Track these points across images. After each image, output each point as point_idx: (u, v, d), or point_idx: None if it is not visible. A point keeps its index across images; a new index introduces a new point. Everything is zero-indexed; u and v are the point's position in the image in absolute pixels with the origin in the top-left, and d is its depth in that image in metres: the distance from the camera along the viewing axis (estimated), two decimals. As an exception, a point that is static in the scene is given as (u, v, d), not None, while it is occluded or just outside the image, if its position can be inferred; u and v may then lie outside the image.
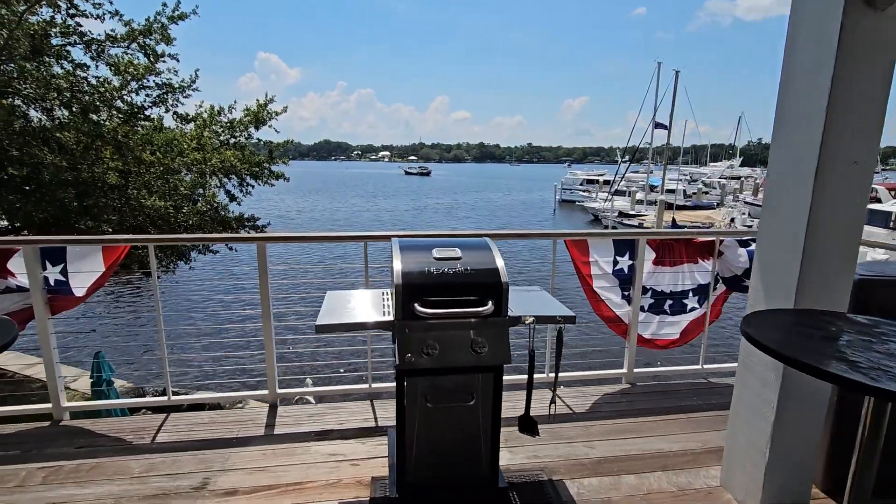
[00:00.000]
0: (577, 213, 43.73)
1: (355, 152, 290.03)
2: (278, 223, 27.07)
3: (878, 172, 52.65)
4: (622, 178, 39.23)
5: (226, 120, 9.16)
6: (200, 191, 8.40)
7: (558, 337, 1.95)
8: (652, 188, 39.90)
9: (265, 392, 2.87)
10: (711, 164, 77.03)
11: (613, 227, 33.60)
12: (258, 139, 9.93)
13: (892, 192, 31.30)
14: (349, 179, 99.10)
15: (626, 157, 42.36)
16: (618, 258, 3.05)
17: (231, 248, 9.30)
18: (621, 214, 35.53)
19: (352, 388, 3.02)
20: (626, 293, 3.11)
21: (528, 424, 2.00)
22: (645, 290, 3.12)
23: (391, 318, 1.86)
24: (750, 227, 32.59)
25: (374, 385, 2.96)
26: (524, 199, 58.54)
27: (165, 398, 2.84)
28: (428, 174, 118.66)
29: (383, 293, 2.22)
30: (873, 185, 34.72)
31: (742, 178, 57.28)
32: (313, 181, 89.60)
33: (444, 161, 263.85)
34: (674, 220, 31.15)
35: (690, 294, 3.19)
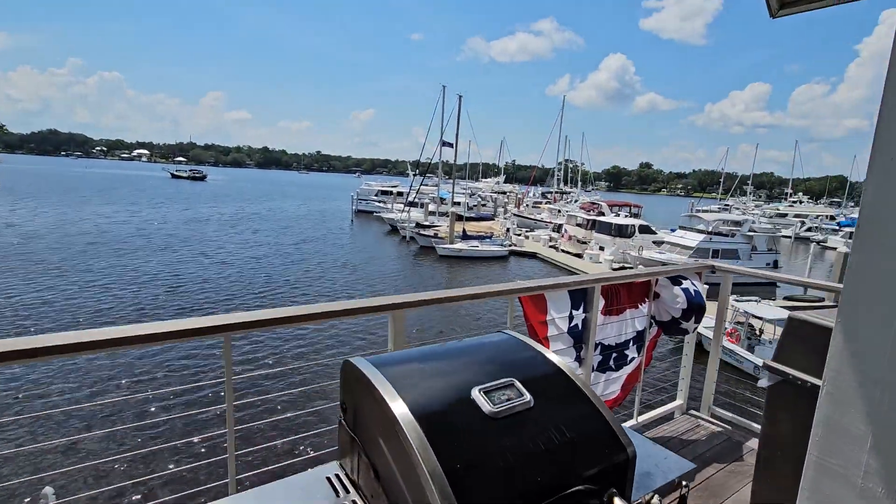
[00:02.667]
0: (374, 223, 44.16)
1: (98, 148, 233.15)
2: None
3: (588, 191, 67.92)
4: (416, 191, 41.14)
5: None
6: None
7: (678, 507, 1.14)
8: (442, 200, 43.02)
9: None
10: (483, 179, 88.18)
11: (411, 238, 34.90)
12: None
13: (613, 208, 40.95)
14: (95, 181, 78.90)
15: (417, 171, 44.86)
16: (573, 312, 2.43)
17: None
18: (418, 225, 37.23)
19: None
20: (580, 353, 2.51)
21: None
22: (594, 346, 2.58)
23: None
24: (519, 234, 38.13)
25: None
26: (320, 208, 56.25)
27: None
28: (202, 178, 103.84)
29: (331, 481, 1.04)
30: (599, 202, 44.45)
31: (507, 193, 67.22)
32: (34, 182, 68.45)
33: (222, 165, 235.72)
34: (464, 230, 34.02)
35: (631, 343, 2.79)
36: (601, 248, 32.77)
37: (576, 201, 44.82)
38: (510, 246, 34.46)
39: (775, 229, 43.53)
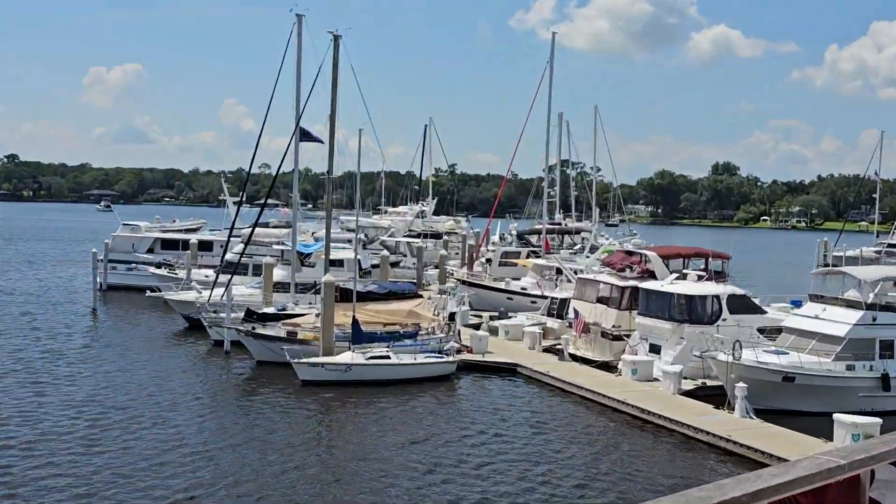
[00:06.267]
0: (147, 311, 24.09)
1: None
2: None
3: (614, 224, 50.14)
4: (246, 241, 20.09)
5: None
6: None
7: None
8: (303, 258, 22.55)
9: None
10: (392, 208, 70.93)
11: (234, 345, 14.07)
12: None
13: (671, 261, 24.42)
14: None
15: (242, 194, 23.75)
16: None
17: None
18: (251, 316, 16.29)
19: None
20: None
21: None
22: None
23: None
24: (477, 325, 19.34)
25: None
26: (19, 285, 31.34)
27: None
28: None
29: None
30: (643, 250, 31.48)
31: (444, 235, 48.32)
32: None
33: None
34: (355, 320, 13.63)
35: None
36: (653, 350, 15.12)
37: (594, 249, 23.93)
38: (458, 352, 16.04)
39: None
